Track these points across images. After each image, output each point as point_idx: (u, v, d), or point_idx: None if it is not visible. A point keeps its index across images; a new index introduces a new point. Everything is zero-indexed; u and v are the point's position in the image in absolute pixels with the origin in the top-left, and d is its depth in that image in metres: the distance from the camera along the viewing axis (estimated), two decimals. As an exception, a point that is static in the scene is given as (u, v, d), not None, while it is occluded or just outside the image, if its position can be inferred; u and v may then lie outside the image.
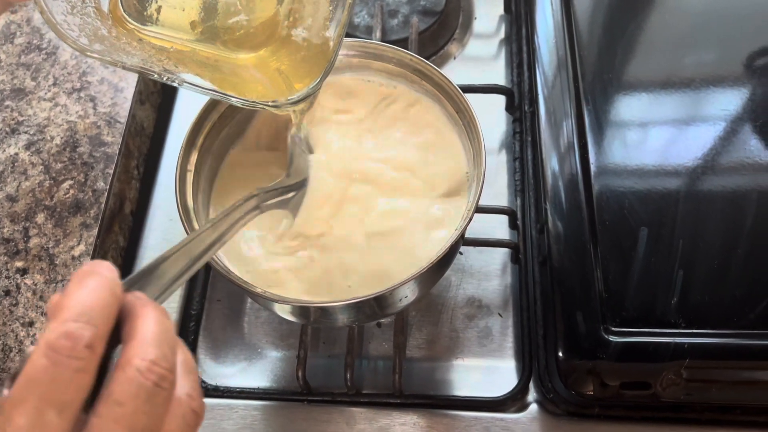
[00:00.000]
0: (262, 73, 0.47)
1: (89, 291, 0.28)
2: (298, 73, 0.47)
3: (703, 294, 0.51)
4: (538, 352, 0.56)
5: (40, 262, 0.59)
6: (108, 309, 0.28)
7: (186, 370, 0.30)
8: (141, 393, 0.27)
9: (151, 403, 0.27)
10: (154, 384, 0.27)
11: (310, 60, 0.47)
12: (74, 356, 0.26)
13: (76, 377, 0.26)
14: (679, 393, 0.50)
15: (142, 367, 0.27)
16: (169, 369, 0.28)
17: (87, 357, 0.26)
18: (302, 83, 0.46)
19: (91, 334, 0.26)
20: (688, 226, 0.54)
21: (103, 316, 0.27)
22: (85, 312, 0.27)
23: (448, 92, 0.53)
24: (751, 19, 0.67)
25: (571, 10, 0.67)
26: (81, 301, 0.27)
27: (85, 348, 0.26)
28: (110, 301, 0.28)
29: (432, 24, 0.73)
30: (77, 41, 0.41)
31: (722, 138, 0.60)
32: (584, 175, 0.57)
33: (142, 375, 0.27)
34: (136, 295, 0.30)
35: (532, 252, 0.60)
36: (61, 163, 0.64)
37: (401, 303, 0.51)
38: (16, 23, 0.73)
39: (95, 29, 0.44)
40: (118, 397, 0.26)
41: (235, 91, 0.45)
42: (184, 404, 0.29)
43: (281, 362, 0.59)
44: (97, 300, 0.27)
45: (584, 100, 0.61)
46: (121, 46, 0.44)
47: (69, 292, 0.28)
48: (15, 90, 0.69)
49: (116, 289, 0.29)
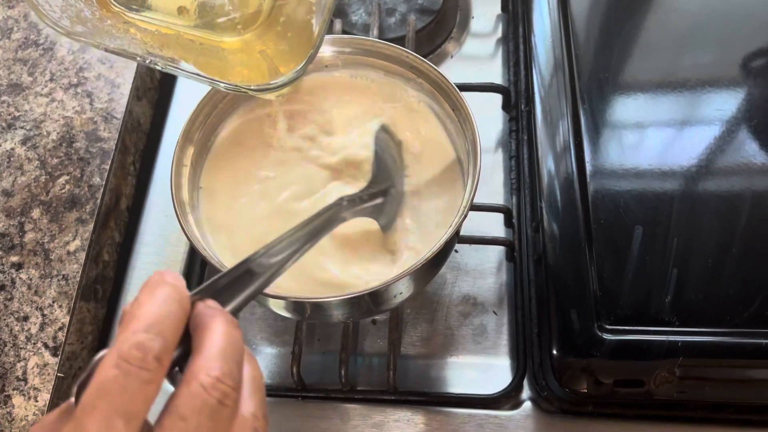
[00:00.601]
0: (247, 57, 0.47)
1: (159, 302, 0.28)
2: (282, 57, 0.47)
3: (696, 292, 0.52)
4: (532, 350, 0.56)
5: (36, 256, 0.59)
6: (176, 321, 0.28)
7: (253, 388, 0.29)
8: (205, 409, 0.27)
9: (213, 420, 0.27)
10: (218, 401, 0.27)
11: (295, 44, 0.47)
12: (144, 367, 0.26)
13: (144, 388, 0.26)
14: (672, 391, 0.50)
15: (207, 384, 0.27)
16: (233, 387, 0.28)
17: (155, 369, 0.26)
18: (287, 68, 0.46)
19: (160, 346, 0.27)
20: (683, 226, 0.55)
21: (172, 328, 0.28)
22: (155, 323, 0.27)
23: (444, 90, 0.53)
24: (747, 21, 0.67)
25: (568, 10, 0.67)
26: (151, 312, 0.27)
27: (154, 360, 0.26)
28: (179, 312, 0.28)
29: (429, 22, 0.73)
30: (59, 23, 0.41)
31: (717, 138, 0.60)
32: (579, 173, 0.57)
33: (206, 391, 0.27)
34: (207, 304, 0.30)
35: (527, 250, 0.61)
36: (57, 159, 0.64)
37: (396, 299, 0.51)
38: (13, 18, 0.73)
39: (78, 11, 0.43)
40: (182, 411, 0.27)
41: (220, 75, 0.45)
42: (249, 425, 0.28)
43: (276, 358, 0.59)
44: (167, 311, 0.28)
45: (580, 100, 0.61)
46: (105, 28, 0.44)
47: (140, 302, 0.28)
48: (11, 85, 0.69)
49: (183, 300, 0.29)
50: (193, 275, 0.62)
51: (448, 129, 0.55)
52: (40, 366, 0.55)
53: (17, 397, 0.54)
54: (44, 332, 0.56)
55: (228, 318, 0.29)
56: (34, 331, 0.56)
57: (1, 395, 0.54)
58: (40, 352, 0.55)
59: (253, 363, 0.30)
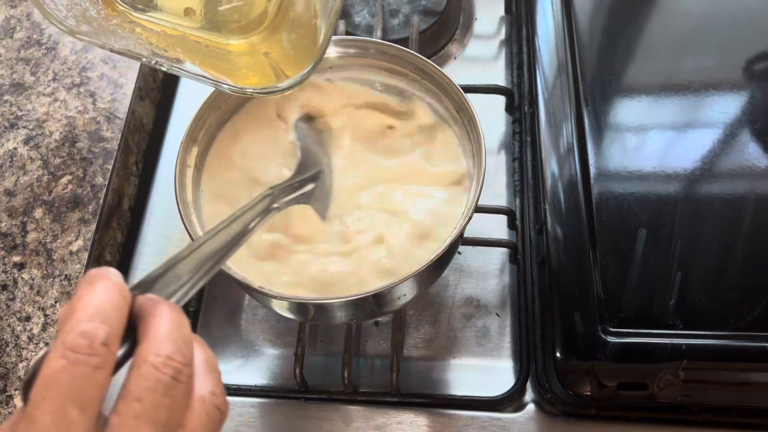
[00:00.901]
0: (253, 59, 0.47)
1: (99, 293, 0.28)
2: (288, 60, 0.47)
3: (700, 295, 0.52)
4: (535, 352, 0.56)
5: (38, 256, 0.59)
6: (119, 309, 0.28)
7: (207, 368, 0.30)
8: (158, 387, 0.27)
9: (169, 397, 0.27)
10: (170, 377, 0.27)
11: (300, 48, 0.47)
12: (92, 354, 0.26)
13: (95, 375, 0.26)
14: (675, 394, 0.50)
15: (158, 363, 0.27)
16: (184, 363, 0.28)
17: (104, 354, 0.26)
18: (292, 70, 0.46)
19: (106, 332, 0.27)
20: (687, 228, 0.55)
21: (116, 315, 0.28)
22: (97, 312, 0.27)
23: (449, 91, 0.53)
24: (750, 24, 0.67)
25: (572, 12, 0.67)
26: (92, 302, 0.27)
27: (101, 345, 0.26)
28: (120, 301, 0.28)
29: (433, 24, 0.73)
30: (64, 22, 0.41)
31: (721, 141, 0.60)
32: (583, 176, 0.57)
33: (157, 370, 0.27)
34: (148, 297, 0.30)
35: (530, 252, 0.61)
36: (60, 158, 0.64)
37: (399, 301, 0.51)
38: (16, 18, 0.73)
39: (83, 10, 0.43)
40: (136, 393, 0.26)
41: (225, 77, 0.45)
42: (208, 401, 0.29)
43: (278, 360, 0.59)
44: (108, 301, 0.28)
45: (584, 102, 0.61)
46: (110, 28, 0.44)
47: (79, 296, 0.28)
48: (14, 85, 0.68)
49: (124, 291, 0.29)
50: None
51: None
52: (42, 366, 0.55)
53: (19, 397, 0.54)
54: (46, 332, 0.56)
55: (171, 304, 0.30)
56: (36, 331, 0.56)
57: (3, 395, 0.54)
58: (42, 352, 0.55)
59: (203, 347, 0.31)
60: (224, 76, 0.45)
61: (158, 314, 0.29)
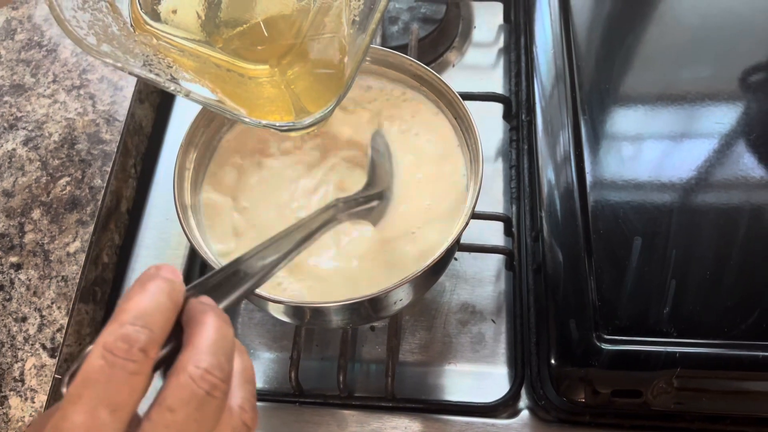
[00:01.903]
0: (274, 90, 0.46)
1: (148, 295, 0.28)
2: (310, 94, 0.45)
3: (694, 304, 0.52)
4: (530, 359, 0.56)
5: (35, 257, 0.59)
6: (165, 315, 0.28)
7: (243, 380, 0.30)
8: (192, 400, 0.27)
9: (201, 412, 0.27)
10: (206, 392, 0.27)
11: (323, 81, 0.46)
12: (129, 359, 0.26)
13: (130, 379, 0.26)
14: (669, 402, 0.50)
15: (195, 375, 0.27)
16: (222, 378, 0.28)
17: (141, 360, 0.26)
18: (314, 105, 0.44)
19: (147, 338, 0.27)
20: (682, 237, 0.55)
21: (160, 321, 0.28)
22: (141, 316, 0.27)
23: (447, 98, 0.54)
24: (746, 36, 0.68)
25: (570, 22, 0.68)
26: (139, 305, 0.27)
27: (139, 351, 0.26)
28: (168, 306, 0.28)
29: (432, 31, 0.74)
30: (85, 40, 0.40)
31: (716, 151, 0.60)
32: (579, 184, 0.57)
33: (194, 382, 0.27)
34: (200, 301, 0.30)
35: (526, 259, 0.61)
36: (59, 160, 0.64)
37: (395, 306, 0.51)
38: (17, 20, 0.73)
39: (105, 26, 0.42)
40: (170, 403, 0.27)
41: (244, 106, 0.44)
42: (236, 415, 0.29)
43: (274, 364, 0.59)
44: (155, 305, 0.28)
45: (581, 111, 0.62)
46: (130, 47, 0.43)
47: (130, 295, 0.28)
48: (14, 86, 0.69)
49: (176, 295, 0.29)
50: (192, 278, 0.62)
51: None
52: (38, 367, 0.55)
53: (14, 398, 0.54)
54: (42, 333, 0.56)
55: (219, 313, 0.29)
56: (32, 332, 0.56)
57: (-2, 396, 0.54)
58: (38, 353, 0.55)
59: (244, 356, 0.30)
60: (243, 106, 0.44)
61: (205, 323, 0.29)
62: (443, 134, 0.55)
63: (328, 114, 0.44)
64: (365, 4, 0.46)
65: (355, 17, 0.46)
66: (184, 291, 0.29)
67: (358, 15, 0.46)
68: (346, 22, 0.46)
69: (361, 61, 0.44)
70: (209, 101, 0.42)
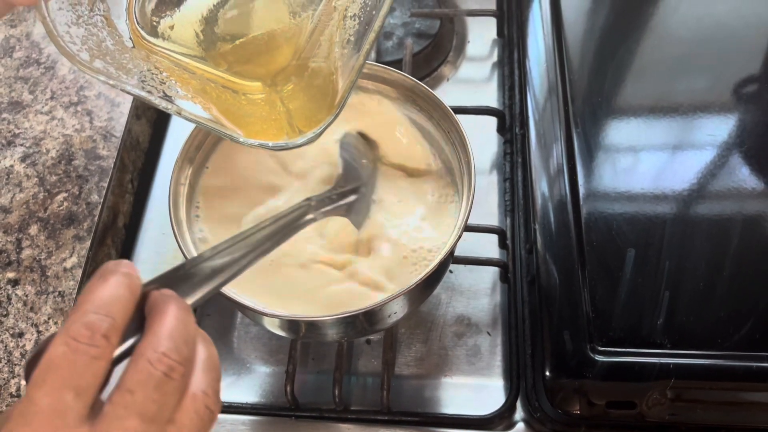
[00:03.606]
0: (267, 105, 0.46)
1: (109, 286, 0.29)
2: (303, 113, 0.46)
3: (688, 315, 0.52)
4: (525, 371, 0.57)
5: (32, 273, 0.60)
6: (125, 304, 0.29)
7: (207, 367, 0.31)
8: (150, 381, 0.28)
9: (160, 392, 0.28)
10: (163, 374, 0.28)
11: (317, 101, 0.46)
12: (92, 344, 0.27)
13: (92, 364, 0.27)
14: (664, 413, 0.50)
15: (153, 358, 0.28)
16: (179, 361, 0.29)
17: (104, 346, 0.28)
18: (307, 124, 0.45)
19: (109, 325, 0.28)
20: (675, 248, 0.55)
21: (120, 309, 0.29)
22: (103, 305, 0.29)
23: (439, 112, 0.54)
24: (737, 48, 0.68)
25: (562, 36, 0.68)
26: (101, 295, 0.29)
27: (102, 337, 0.28)
28: (127, 296, 0.30)
29: (426, 46, 0.75)
30: (77, 56, 0.40)
31: (709, 163, 0.61)
32: (573, 196, 0.58)
33: (151, 365, 0.28)
34: (162, 292, 0.31)
35: (520, 271, 0.61)
36: (56, 176, 0.65)
37: (390, 319, 0.51)
38: (15, 37, 0.74)
39: (99, 41, 0.42)
40: (129, 385, 0.28)
41: (236, 124, 0.44)
42: (199, 400, 0.30)
43: (270, 377, 0.59)
44: (115, 295, 0.29)
45: (573, 124, 0.62)
46: (124, 62, 0.43)
47: (91, 288, 0.29)
48: (12, 103, 0.69)
49: (134, 287, 0.30)
50: (188, 293, 0.63)
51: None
52: (34, 383, 0.55)
53: (23, 375, 0.54)
54: (39, 349, 0.56)
55: (180, 303, 0.31)
56: (28, 347, 0.56)
57: (-6, 412, 0.54)
58: (34, 368, 0.55)
59: (208, 344, 0.32)
60: (236, 125, 0.44)
61: (165, 311, 0.30)
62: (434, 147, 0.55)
63: (320, 133, 0.44)
64: (360, 24, 0.46)
65: (350, 37, 0.46)
66: (141, 284, 0.31)
67: (353, 35, 0.46)
68: (341, 41, 0.46)
69: (354, 81, 0.44)
70: (201, 120, 0.42)
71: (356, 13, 0.46)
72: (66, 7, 0.42)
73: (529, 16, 0.73)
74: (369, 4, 0.46)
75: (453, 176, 0.55)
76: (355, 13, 0.46)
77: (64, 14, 0.41)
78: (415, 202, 0.54)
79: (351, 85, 0.44)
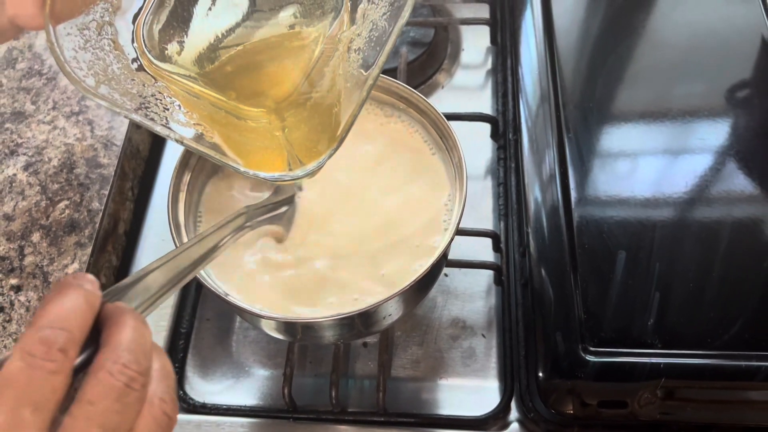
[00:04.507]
0: (268, 133, 0.46)
1: (65, 299, 0.29)
2: (303, 144, 0.46)
3: (678, 316, 0.53)
4: (519, 372, 0.57)
5: (34, 279, 0.61)
6: (82, 317, 0.29)
7: (161, 376, 0.31)
8: (111, 393, 0.28)
9: (121, 403, 0.28)
10: (124, 384, 0.28)
11: (318, 132, 0.46)
12: (48, 359, 0.27)
13: (50, 379, 0.27)
14: (655, 412, 0.51)
15: (113, 370, 0.28)
16: (139, 372, 0.29)
17: (60, 360, 0.27)
18: (306, 156, 0.45)
19: (65, 339, 0.28)
20: (665, 251, 0.56)
21: (78, 323, 0.29)
22: (59, 319, 0.28)
23: (432, 118, 0.55)
24: (729, 53, 0.69)
25: (554, 44, 0.70)
26: (56, 309, 0.29)
27: (58, 351, 0.27)
28: (85, 309, 0.29)
29: (421, 54, 0.76)
30: (83, 82, 0.40)
31: (699, 167, 0.62)
32: (564, 200, 0.59)
33: (112, 376, 0.28)
34: (116, 305, 0.31)
35: (514, 274, 0.62)
36: (58, 184, 0.66)
37: (385, 321, 0.52)
38: (18, 49, 0.75)
39: (105, 66, 0.42)
40: (90, 397, 0.28)
41: (236, 153, 0.44)
42: (156, 406, 0.30)
43: (268, 380, 0.60)
44: (72, 308, 0.29)
45: (565, 129, 0.63)
46: (128, 86, 0.43)
47: (46, 302, 0.29)
48: (15, 113, 0.71)
49: (92, 299, 0.30)
50: (188, 298, 0.64)
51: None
52: (36, 387, 0.56)
53: None
54: (41, 353, 0.57)
55: (136, 314, 0.31)
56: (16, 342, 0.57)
57: (-3, 415, 0.55)
58: (37, 373, 0.56)
59: (161, 354, 0.32)
60: (236, 153, 0.44)
61: (122, 323, 0.30)
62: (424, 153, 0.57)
63: (319, 167, 0.44)
64: (364, 59, 0.46)
65: (354, 71, 0.46)
66: (100, 296, 0.31)
67: (356, 69, 0.46)
68: (345, 74, 0.46)
69: (357, 115, 0.44)
70: (202, 148, 0.42)
71: (361, 47, 0.45)
72: (74, 32, 0.42)
73: (522, 24, 0.75)
74: (374, 40, 0.45)
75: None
76: (360, 47, 0.45)
77: (72, 39, 0.41)
78: None
79: (353, 118, 0.44)
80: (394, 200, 0.54)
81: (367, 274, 0.51)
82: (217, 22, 0.47)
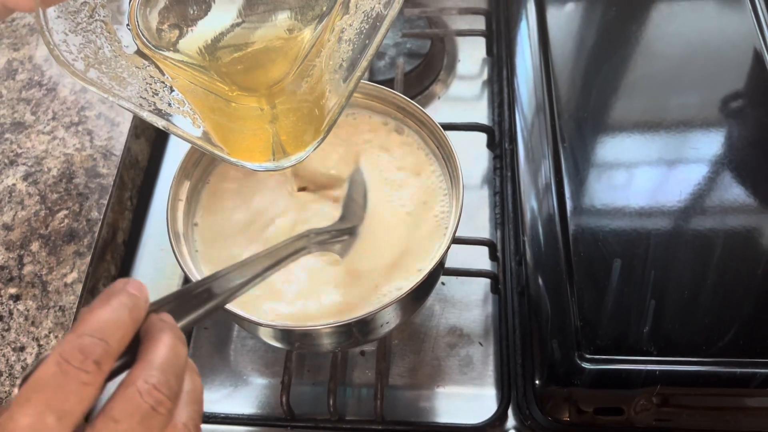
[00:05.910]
0: (258, 119, 0.46)
1: (110, 309, 0.29)
2: (291, 133, 0.46)
3: (673, 323, 0.54)
4: (516, 380, 0.58)
5: (33, 288, 0.61)
6: (123, 329, 0.29)
7: (190, 400, 0.31)
8: (136, 413, 0.28)
9: (145, 426, 0.28)
10: (151, 407, 0.28)
11: (305, 123, 0.46)
12: (82, 369, 0.27)
13: (80, 389, 0.27)
14: (650, 418, 0.52)
15: (143, 390, 0.28)
16: (168, 396, 0.29)
17: (94, 372, 0.27)
18: (293, 146, 0.45)
19: (102, 351, 0.28)
20: (660, 259, 0.57)
21: (117, 336, 0.29)
22: (100, 329, 0.28)
23: (429, 128, 0.56)
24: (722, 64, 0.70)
25: (549, 55, 0.71)
26: (100, 318, 0.29)
27: (93, 363, 0.27)
28: (127, 322, 0.29)
29: (417, 65, 0.77)
30: (72, 65, 0.39)
31: (693, 176, 0.63)
32: (560, 209, 0.60)
33: (141, 396, 0.28)
34: (160, 317, 0.31)
35: (511, 283, 0.63)
36: (57, 194, 0.66)
37: (383, 329, 0.53)
38: (18, 60, 0.76)
39: (96, 49, 0.42)
40: (115, 414, 0.28)
41: (224, 140, 0.44)
42: (179, 431, 0.30)
43: (266, 389, 0.60)
44: (114, 320, 0.29)
45: (560, 139, 0.64)
46: (119, 70, 0.42)
47: (93, 308, 0.29)
48: (15, 123, 0.71)
49: (137, 311, 0.30)
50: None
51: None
52: (35, 395, 0.56)
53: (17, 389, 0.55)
54: (40, 362, 0.57)
55: (176, 332, 0.31)
56: (29, 361, 0.57)
57: (-4, 424, 0.55)
58: (35, 381, 0.56)
59: (195, 377, 0.32)
60: (224, 140, 0.44)
61: (161, 340, 0.30)
62: (423, 163, 0.57)
63: (304, 157, 0.44)
64: (354, 52, 0.46)
65: (343, 62, 0.46)
66: (146, 308, 0.31)
67: (346, 61, 0.46)
68: (334, 65, 0.46)
69: (344, 106, 0.44)
70: (187, 136, 0.42)
71: (351, 38, 0.46)
72: (65, 15, 0.41)
73: (517, 35, 0.76)
74: (364, 32, 0.46)
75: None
76: (350, 38, 0.46)
77: (62, 22, 0.41)
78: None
79: (340, 110, 0.45)
80: (397, 211, 0.55)
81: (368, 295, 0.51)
82: (214, 8, 0.47)
